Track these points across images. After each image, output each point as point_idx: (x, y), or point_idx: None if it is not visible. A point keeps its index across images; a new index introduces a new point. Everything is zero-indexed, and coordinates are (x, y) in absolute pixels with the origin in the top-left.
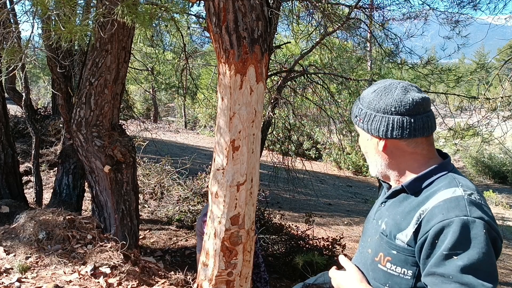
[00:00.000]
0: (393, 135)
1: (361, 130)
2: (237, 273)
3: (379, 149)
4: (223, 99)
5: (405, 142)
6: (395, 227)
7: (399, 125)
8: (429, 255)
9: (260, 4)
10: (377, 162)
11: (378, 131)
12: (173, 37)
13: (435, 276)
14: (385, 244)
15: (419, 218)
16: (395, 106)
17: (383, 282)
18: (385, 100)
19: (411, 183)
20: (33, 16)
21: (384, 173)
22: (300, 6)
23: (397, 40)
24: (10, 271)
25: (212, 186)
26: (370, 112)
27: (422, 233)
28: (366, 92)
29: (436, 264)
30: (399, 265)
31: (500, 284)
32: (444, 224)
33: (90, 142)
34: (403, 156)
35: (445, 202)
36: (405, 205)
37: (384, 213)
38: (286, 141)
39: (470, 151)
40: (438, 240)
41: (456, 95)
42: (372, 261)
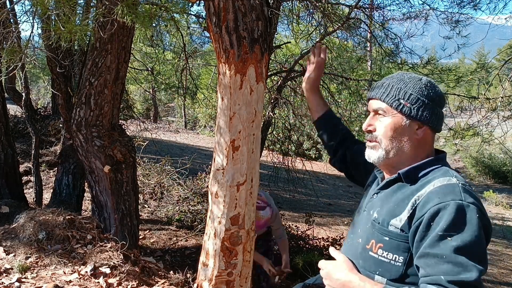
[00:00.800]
0: (436, 125)
1: (399, 113)
2: (237, 273)
3: (415, 136)
4: (223, 99)
5: (432, 134)
6: (388, 214)
7: (441, 117)
8: (424, 237)
9: (260, 4)
10: (402, 149)
11: (427, 118)
12: (173, 37)
13: (429, 257)
14: (377, 231)
15: (414, 204)
16: (441, 99)
17: (373, 270)
18: (435, 91)
19: (408, 171)
20: (33, 16)
21: (395, 161)
22: (300, 6)
23: (397, 40)
24: (10, 271)
25: (212, 186)
26: (423, 99)
27: (417, 217)
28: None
29: (431, 245)
30: (390, 251)
31: (500, 284)
32: (440, 207)
33: (90, 142)
34: (424, 146)
35: (441, 188)
36: (399, 194)
37: (376, 203)
38: (286, 141)
39: (470, 151)
40: (434, 222)
41: (456, 95)
42: (363, 249)
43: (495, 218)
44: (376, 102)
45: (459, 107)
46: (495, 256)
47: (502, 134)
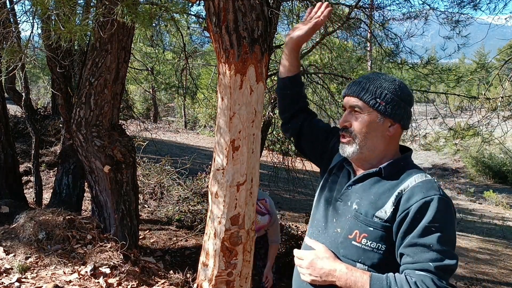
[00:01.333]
0: (406, 123)
1: (374, 111)
2: (237, 273)
3: (387, 133)
4: (223, 99)
5: (401, 131)
6: (370, 206)
7: (410, 116)
8: (411, 228)
9: (260, 4)
10: (375, 144)
11: (398, 117)
12: (173, 37)
13: (416, 246)
14: (362, 222)
15: (397, 197)
16: (411, 99)
17: (356, 258)
18: (407, 92)
19: (388, 166)
20: (33, 16)
21: (367, 156)
22: (300, 6)
23: (397, 40)
24: (10, 271)
25: (212, 186)
26: (397, 99)
27: (402, 209)
28: (384, 79)
29: (418, 235)
30: (374, 240)
31: (500, 284)
32: (426, 200)
33: (90, 142)
34: (394, 143)
35: (423, 183)
36: (378, 187)
37: (353, 195)
38: (286, 141)
39: (470, 151)
40: (420, 214)
41: (456, 95)
42: (345, 239)
43: (495, 218)
44: (353, 99)
45: (459, 107)
46: (495, 256)
47: (502, 134)
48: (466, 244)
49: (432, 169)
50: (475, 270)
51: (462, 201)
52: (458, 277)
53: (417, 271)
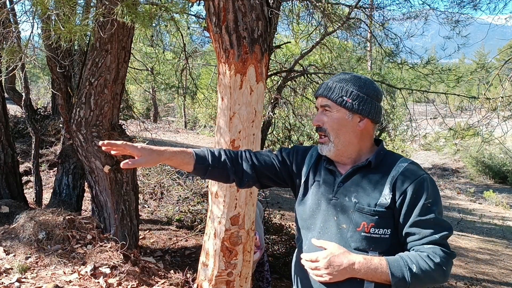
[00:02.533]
0: (375, 117)
1: (342, 108)
2: (237, 273)
3: (358, 128)
4: (223, 99)
5: (373, 125)
6: (370, 197)
7: (379, 110)
8: (412, 208)
9: (260, 4)
10: (348, 139)
11: (364, 112)
12: (173, 37)
13: (420, 224)
14: (367, 213)
15: (391, 182)
16: (378, 94)
17: (367, 247)
18: (373, 87)
19: (374, 158)
20: (33, 16)
21: (344, 151)
22: (300, 6)
23: (397, 40)
24: (10, 271)
25: (212, 186)
26: (362, 95)
27: (400, 193)
28: (349, 78)
29: (419, 214)
30: (381, 227)
31: (500, 284)
32: (418, 182)
33: (90, 142)
34: (367, 136)
35: (409, 166)
36: (370, 178)
37: (348, 190)
38: (286, 141)
39: (470, 151)
40: (417, 194)
41: (456, 95)
42: (354, 232)
43: (495, 218)
44: (323, 99)
45: (459, 107)
46: (495, 256)
47: (502, 134)
48: (466, 244)
49: (432, 169)
50: (475, 270)
51: (462, 201)
52: (458, 277)
53: (425, 245)
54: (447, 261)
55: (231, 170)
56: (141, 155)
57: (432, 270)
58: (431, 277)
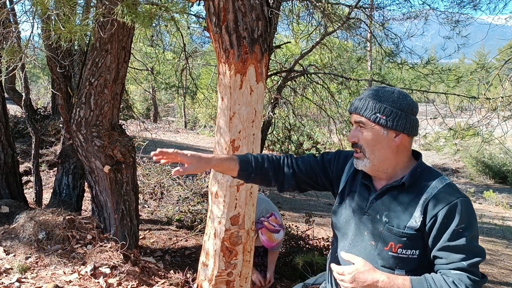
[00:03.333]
0: (411, 131)
1: (377, 125)
2: (237, 273)
3: (393, 143)
4: (223, 99)
5: (409, 139)
6: (400, 218)
7: (415, 123)
8: (441, 232)
9: (260, 4)
10: (384, 155)
11: (399, 127)
12: (173, 37)
13: (449, 249)
14: (395, 234)
15: (423, 205)
16: (413, 108)
17: (394, 266)
18: (407, 102)
19: (409, 177)
20: (33, 16)
21: (380, 167)
22: (300, 6)
23: (397, 40)
24: (10, 271)
25: (212, 186)
26: (396, 111)
27: (431, 216)
28: (382, 93)
29: (448, 239)
30: (409, 248)
31: (500, 284)
32: (451, 206)
33: (90, 142)
34: (404, 151)
35: (444, 189)
36: (403, 198)
37: (379, 208)
38: (286, 141)
39: (470, 151)
40: (448, 219)
41: (456, 95)
42: (381, 251)
43: (495, 218)
44: (357, 116)
45: (459, 107)
46: (495, 256)
47: (502, 134)
48: None
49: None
50: None
51: None
52: None
53: (452, 271)
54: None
55: (273, 177)
56: (190, 162)
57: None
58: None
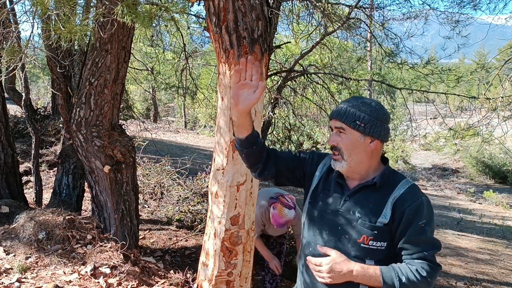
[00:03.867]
0: (383, 138)
1: (355, 131)
2: (237, 273)
3: (369, 148)
4: (223, 99)
5: (382, 145)
6: (372, 214)
7: (387, 131)
8: (407, 227)
9: (260, 4)
10: (360, 159)
11: (375, 134)
12: (173, 37)
13: (414, 241)
14: (367, 228)
15: (391, 203)
16: (387, 117)
17: (365, 256)
18: (382, 112)
19: (379, 178)
20: (33, 16)
21: (355, 168)
22: (300, 6)
23: (397, 40)
24: (10, 271)
25: (212, 186)
26: (373, 120)
27: (399, 213)
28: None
29: (413, 233)
30: (379, 240)
31: (500, 284)
32: (417, 204)
33: (90, 142)
34: (376, 155)
35: (409, 189)
36: (374, 197)
37: (353, 205)
38: (286, 141)
39: (470, 151)
40: (414, 215)
41: (456, 95)
42: (355, 243)
43: (495, 218)
44: (338, 122)
45: (459, 107)
46: (495, 256)
47: (502, 134)
48: (466, 244)
49: (432, 169)
50: (475, 270)
51: (462, 201)
52: (458, 277)
53: (416, 260)
54: (432, 274)
55: (263, 158)
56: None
57: (419, 281)
58: (417, 287)
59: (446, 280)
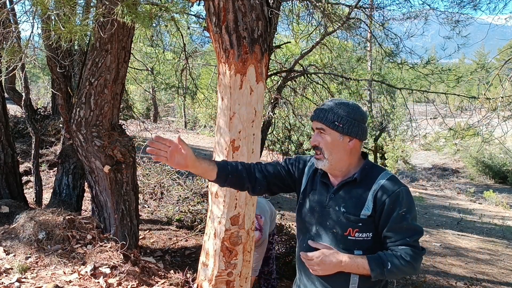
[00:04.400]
0: (360, 137)
1: (335, 131)
2: (237, 273)
3: (348, 147)
4: (223, 99)
5: (360, 143)
6: (355, 207)
7: (365, 130)
8: (389, 216)
9: (260, 4)
10: (339, 157)
11: (352, 133)
12: (173, 37)
13: (395, 229)
14: (353, 221)
15: (372, 195)
16: (364, 118)
17: (352, 248)
18: (359, 112)
19: (359, 173)
20: (33, 16)
21: (336, 166)
22: (300, 6)
23: (397, 40)
24: (10, 271)
25: (212, 186)
26: (351, 120)
27: (380, 204)
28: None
29: (396, 220)
30: (364, 231)
31: (500, 284)
32: (396, 194)
33: (90, 142)
34: (355, 153)
35: (389, 181)
36: (356, 191)
37: (338, 200)
38: (286, 141)
39: (470, 151)
40: (394, 205)
41: (456, 95)
42: (342, 236)
43: (495, 218)
44: (318, 123)
45: (459, 107)
46: (495, 256)
47: (502, 134)
48: (466, 244)
49: (432, 169)
50: (475, 270)
51: (462, 201)
52: (458, 277)
53: (399, 247)
54: (416, 258)
55: (246, 179)
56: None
57: (404, 266)
58: (403, 271)
59: (446, 280)
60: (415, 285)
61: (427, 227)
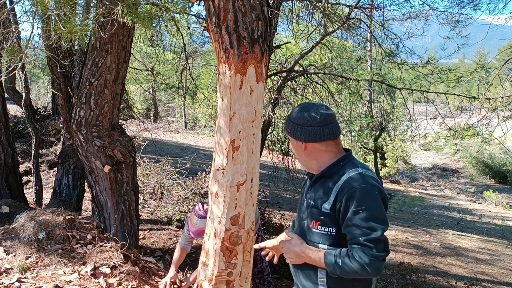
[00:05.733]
0: (309, 140)
1: (291, 137)
2: (237, 273)
3: (304, 150)
4: (223, 99)
5: (319, 144)
6: (319, 200)
7: (315, 133)
8: (346, 212)
9: (260, 4)
10: (303, 159)
11: (301, 138)
12: (173, 37)
13: (351, 227)
14: (315, 214)
15: (335, 190)
16: (310, 121)
17: (317, 241)
18: (303, 117)
19: (327, 169)
20: (33, 16)
21: (307, 166)
22: (300, 6)
23: (397, 40)
24: (10, 271)
25: (212, 186)
26: (295, 126)
27: (339, 200)
28: (291, 112)
29: (350, 218)
30: (326, 226)
31: (500, 284)
32: (351, 191)
33: (90, 142)
34: (319, 153)
35: (351, 178)
36: (325, 185)
37: (311, 194)
38: (286, 141)
39: (470, 151)
40: (349, 202)
41: (456, 95)
42: (308, 228)
43: (495, 218)
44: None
45: (459, 107)
46: (495, 256)
47: (502, 134)
48: (466, 244)
49: (432, 169)
50: (475, 270)
51: (462, 201)
52: (458, 277)
53: (354, 245)
54: (368, 259)
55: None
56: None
57: (353, 265)
58: (354, 271)
59: (446, 280)
60: (415, 285)
61: (427, 227)
